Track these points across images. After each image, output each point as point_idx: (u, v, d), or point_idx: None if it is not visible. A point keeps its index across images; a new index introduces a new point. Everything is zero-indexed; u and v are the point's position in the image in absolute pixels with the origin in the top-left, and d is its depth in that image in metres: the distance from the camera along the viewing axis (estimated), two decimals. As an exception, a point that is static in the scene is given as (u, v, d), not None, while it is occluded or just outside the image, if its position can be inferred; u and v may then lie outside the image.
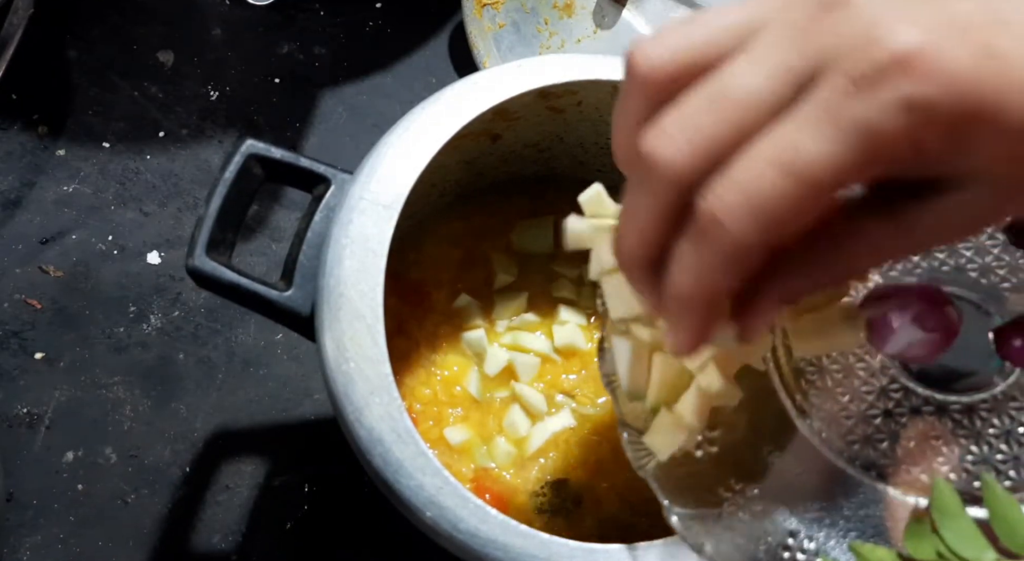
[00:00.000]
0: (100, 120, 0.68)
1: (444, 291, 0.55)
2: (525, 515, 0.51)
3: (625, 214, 0.31)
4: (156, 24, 0.71)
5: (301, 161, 0.48)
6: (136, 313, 0.64)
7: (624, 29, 0.64)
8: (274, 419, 0.62)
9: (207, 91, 0.69)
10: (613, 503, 0.51)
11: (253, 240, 0.66)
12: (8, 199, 0.66)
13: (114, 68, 0.70)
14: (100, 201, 0.66)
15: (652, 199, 0.29)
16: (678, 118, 0.28)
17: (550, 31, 0.66)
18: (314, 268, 0.46)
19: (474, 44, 0.68)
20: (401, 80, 0.71)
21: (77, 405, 0.61)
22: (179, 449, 0.61)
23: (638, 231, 0.30)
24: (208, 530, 0.59)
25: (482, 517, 0.42)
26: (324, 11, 0.72)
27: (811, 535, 0.36)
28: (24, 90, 0.68)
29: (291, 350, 0.63)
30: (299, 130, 0.69)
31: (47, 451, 0.60)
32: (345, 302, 0.44)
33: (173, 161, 0.68)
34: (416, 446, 0.42)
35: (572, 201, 0.58)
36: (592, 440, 0.52)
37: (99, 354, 0.62)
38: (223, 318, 0.64)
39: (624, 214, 0.31)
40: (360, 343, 0.43)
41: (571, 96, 0.51)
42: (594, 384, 0.54)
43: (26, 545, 0.58)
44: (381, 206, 0.45)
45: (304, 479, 0.60)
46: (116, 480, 0.60)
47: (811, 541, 0.35)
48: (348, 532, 0.60)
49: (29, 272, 0.64)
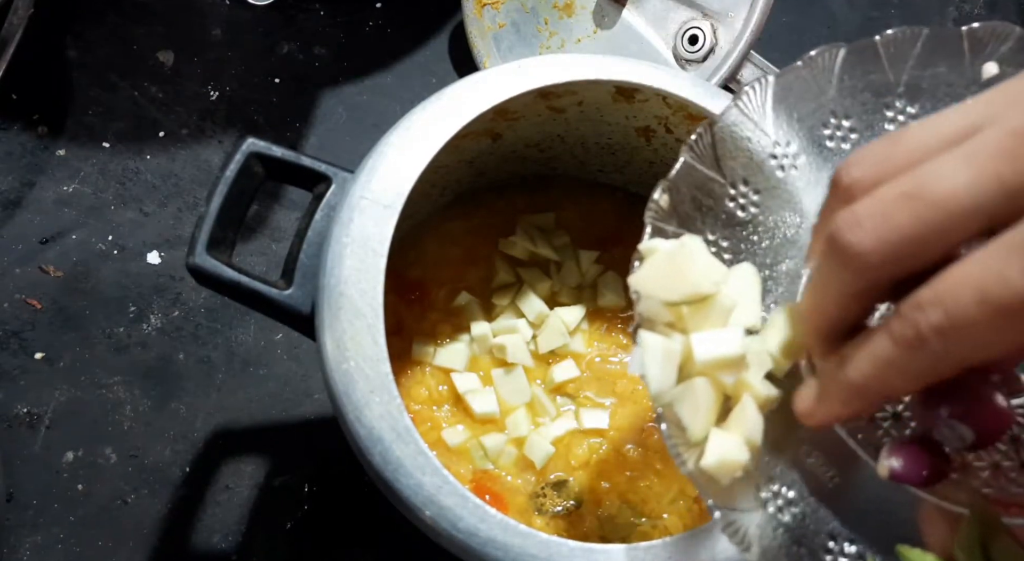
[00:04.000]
0: (100, 120, 0.68)
1: (444, 290, 0.55)
2: (525, 516, 0.51)
3: (815, 292, 0.31)
4: (156, 24, 0.71)
5: (302, 160, 0.48)
6: (136, 313, 0.64)
7: (624, 29, 0.64)
8: (274, 419, 0.62)
9: (207, 91, 0.69)
10: (613, 503, 0.51)
11: (253, 239, 0.66)
12: (8, 199, 0.66)
13: (114, 68, 0.70)
14: (100, 201, 0.66)
15: (841, 283, 0.29)
16: (872, 206, 0.28)
17: (550, 31, 0.66)
18: (314, 267, 0.46)
19: (474, 44, 0.68)
20: (401, 80, 0.71)
21: (77, 405, 0.61)
22: (179, 449, 0.61)
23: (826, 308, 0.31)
24: (208, 530, 0.59)
25: (481, 516, 0.42)
26: (324, 11, 0.72)
27: (852, 538, 0.36)
28: (24, 90, 0.68)
29: (291, 350, 0.63)
30: (299, 130, 0.69)
31: (47, 451, 0.60)
32: (345, 301, 0.44)
33: (173, 161, 0.68)
34: (416, 445, 0.42)
35: (572, 200, 0.58)
36: (593, 441, 0.52)
37: (99, 354, 0.62)
38: (223, 318, 0.64)
39: (814, 292, 0.31)
40: (360, 342, 0.43)
41: (571, 96, 0.51)
42: (595, 385, 0.54)
43: (26, 545, 0.58)
44: (382, 205, 0.45)
45: (304, 479, 0.60)
46: (116, 480, 0.60)
47: (852, 544, 0.35)
48: (348, 532, 0.60)
49: (29, 272, 0.64)
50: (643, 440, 0.52)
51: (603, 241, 0.57)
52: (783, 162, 0.40)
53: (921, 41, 0.40)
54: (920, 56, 0.40)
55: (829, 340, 0.32)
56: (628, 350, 0.55)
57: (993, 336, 0.26)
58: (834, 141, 0.41)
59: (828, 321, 0.31)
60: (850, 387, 0.30)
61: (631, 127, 0.54)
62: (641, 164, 0.57)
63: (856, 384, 0.30)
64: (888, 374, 0.29)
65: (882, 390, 0.29)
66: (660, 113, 0.51)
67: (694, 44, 0.61)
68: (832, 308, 0.30)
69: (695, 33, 0.61)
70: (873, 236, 0.28)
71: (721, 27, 0.61)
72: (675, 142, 0.53)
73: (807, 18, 0.75)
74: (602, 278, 0.56)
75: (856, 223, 0.28)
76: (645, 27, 0.63)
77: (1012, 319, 0.26)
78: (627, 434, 0.53)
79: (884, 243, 0.27)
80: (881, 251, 0.27)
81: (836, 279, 0.29)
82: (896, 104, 0.40)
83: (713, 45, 0.61)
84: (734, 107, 0.40)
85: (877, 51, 0.40)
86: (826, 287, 0.30)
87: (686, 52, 0.62)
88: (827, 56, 0.40)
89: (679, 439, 0.35)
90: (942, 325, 0.27)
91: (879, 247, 0.27)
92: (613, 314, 0.56)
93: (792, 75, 0.40)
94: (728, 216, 0.40)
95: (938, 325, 0.27)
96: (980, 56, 0.39)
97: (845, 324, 0.31)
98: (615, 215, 0.58)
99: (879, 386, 0.29)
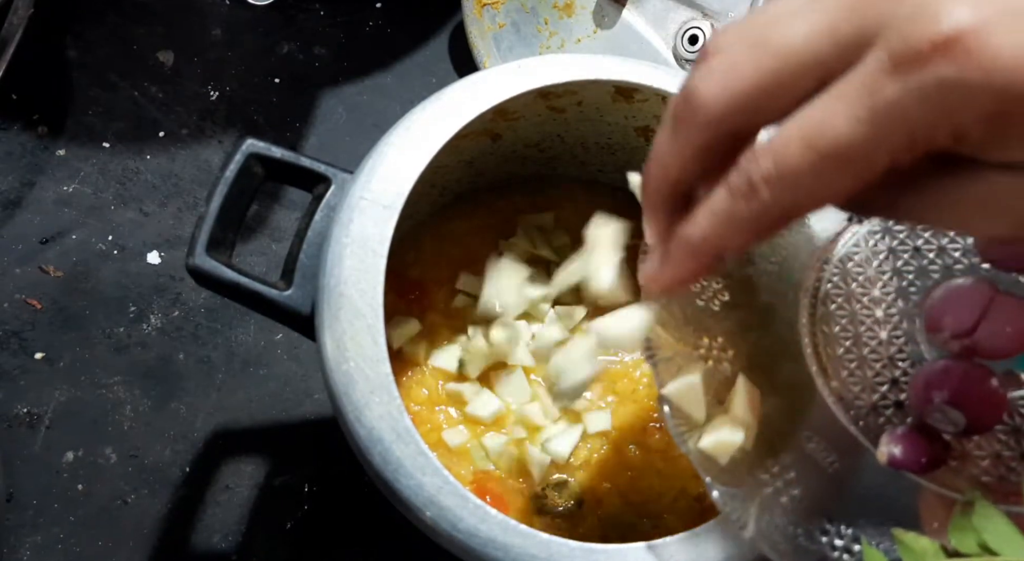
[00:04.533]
0: (100, 120, 0.68)
1: (444, 290, 0.55)
2: (526, 516, 0.51)
3: (656, 143, 0.31)
4: (156, 24, 0.71)
5: (302, 160, 0.48)
6: (136, 313, 0.64)
7: (624, 29, 0.64)
8: (274, 419, 0.62)
9: (207, 91, 0.69)
10: (614, 504, 0.51)
11: (253, 240, 0.66)
12: (8, 199, 0.66)
13: (114, 68, 0.70)
14: (100, 201, 0.66)
15: (685, 136, 0.30)
16: (723, 58, 0.28)
17: (550, 31, 0.66)
18: (314, 267, 0.46)
19: (474, 44, 0.68)
20: (401, 80, 0.71)
21: (77, 405, 0.61)
22: (179, 449, 0.61)
23: (664, 161, 0.31)
24: (208, 530, 0.59)
25: (482, 517, 0.42)
26: (324, 11, 0.72)
27: (849, 521, 0.36)
28: (24, 90, 0.68)
29: (291, 350, 0.63)
30: (299, 130, 0.69)
31: (47, 451, 0.60)
32: (345, 301, 0.44)
33: (173, 161, 0.68)
34: (416, 445, 0.42)
35: (572, 200, 0.58)
36: (594, 441, 0.52)
37: (99, 354, 0.62)
38: (223, 318, 0.64)
39: (655, 143, 0.31)
40: (360, 342, 0.43)
41: (571, 96, 0.51)
42: (595, 385, 0.54)
43: (26, 545, 0.58)
44: (381, 206, 0.45)
45: (304, 479, 0.60)
46: (116, 480, 0.60)
47: (849, 527, 0.35)
48: (348, 532, 0.60)
49: (29, 272, 0.64)
50: (644, 440, 0.52)
51: (603, 241, 0.57)
52: None
53: None
54: None
55: (668, 203, 0.31)
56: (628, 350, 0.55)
57: (817, 182, 0.27)
58: None
59: (669, 182, 0.31)
60: (688, 244, 0.30)
61: (630, 127, 0.54)
62: (641, 164, 0.56)
63: (694, 240, 0.30)
64: (722, 227, 0.29)
65: (718, 244, 0.29)
66: (659, 113, 0.51)
67: (694, 44, 0.61)
68: (674, 164, 0.30)
69: (695, 33, 0.61)
70: (719, 84, 0.28)
71: (721, 27, 0.61)
72: (675, 142, 0.53)
73: (807, 18, 0.75)
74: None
75: (707, 73, 0.28)
76: (645, 27, 0.63)
77: (835, 164, 0.26)
78: (628, 434, 0.53)
79: (727, 89, 0.28)
80: (725, 98, 0.28)
81: (682, 132, 0.29)
82: None
83: (713, 45, 0.61)
84: None
85: None
86: (671, 143, 0.30)
87: (686, 52, 0.62)
88: None
89: (680, 420, 0.35)
90: (770, 173, 0.27)
91: (722, 94, 0.28)
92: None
93: None
94: None
95: (767, 173, 0.27)
96: None
97: (684, 185, 0.31)
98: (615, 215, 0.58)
99: (715, 240, 0.29)
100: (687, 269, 0.31)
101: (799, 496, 0.36)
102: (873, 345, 0.38)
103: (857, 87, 0.26)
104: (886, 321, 0.38)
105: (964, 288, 0.36)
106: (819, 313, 0.39)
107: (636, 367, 0.54)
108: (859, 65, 0.26)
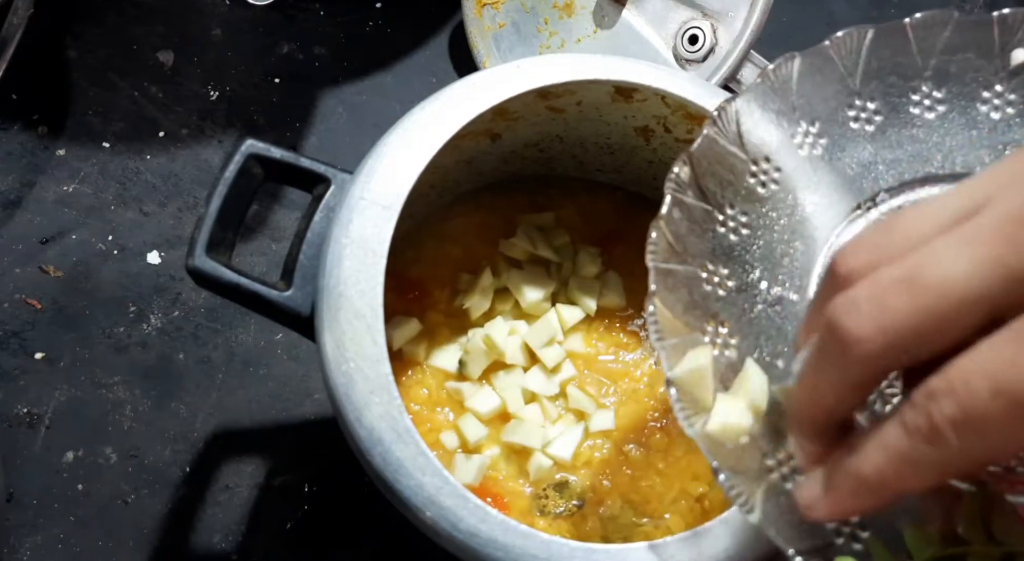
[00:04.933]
0: (100, 120, 0.68)
1: (444, 290, 0.55)
2: (527, 517, 0.51)
3: (807, 378, 0.30)
4: (156, 24, 0.71)
5: (301, 161, 0.48)
6: (136, 313, 0.63)
7: (624, 29, 0.64)
8: (274, 419, 0.62)
9: (207, 91, 0.69)
10: (615, 503, 0.51)
11: (253, 240, 0.66)
12: (8, 199, 0.66)
13: (114, 68, 0.70)
14: (100, 201, 0.66)
15: (839, 372, 0.28)
16: (870, 291, 0.27)
17: (550, 31, 0.66)
18: (314, 268, 0.46)
19: (474, 44, 0.68)
20: (401, 80, 0.71)
21: (77, 405, 0.61)
22: (179, 449, 0.61)
23: (820, 397, 0.29)
24: (208, 530, 0.59)
25: (482, 517, 0.42)
26: (324, 11, 0.72)
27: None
28: (24, 90, 0.68)
29: (291, 350, 0.63)
30: (299, 130, 0.69)
31: (47, 451, 0.60)
32: (345, 302, 0.44)
33: (173, 161, 0.68)
34: (416, 446, 0.42)
35: (572, 200, 0.58)
36: (595, 441, 0.52)
37: (99, 354, 0.62)
38: (223, 318, 0.64)
39: (806, 377, 0.30)
40: (360, 343, 0.43)
41: (571, 96, 0.51)
42: (596, 386, 0.54)
43: (26, 545, 0.58)
44: (381, 206, 0.45)
45: (304, 479, 0.60)
46: (116, 480, 0.60)
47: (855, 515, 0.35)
48: (348, 532, 0.60)
49: (29, 272, 0.64)
50: (645, 440, 0.52)
51: (603, 240, 0.57)
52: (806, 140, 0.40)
53: (951, 25, 0.39)
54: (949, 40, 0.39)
55: (823, 431, 0.30)
56: (628, 349, 0.55)
57: (1011, 429, 0.25)
58: (858, 123, 0.41)
59: (824, 411, 0.29)
60: (861, 479, 0.28)
61: (630, 127, 0.54)
62: (640, 164, 0.57)
63: (867, 476, 0.28)
64: (902, 467, 0.27)
65: (896, 483, 0.28)
66: (659, 113, 0.51)
67: (694, 44, 0.61)
68: (829, 398, 0.29)
69: (695, 33, 0.61)
70: (871, 322, 0.26)
71: (721, 27, 0.61)
72: (674, 141, 0.53)
73: (807, 18, 0.75)
74: (603, 278, 0.56)
75: (854, 308, 0.27)
76: (645, 27, 0.63)
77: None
78: (629, 434, 0.53)
79: (883, 330, 0.26)
80: (881, 338, 0.26)
81: (834, 367, 0.28)
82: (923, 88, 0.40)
83: (713, 45, 0.61)
84: (760, 82, 0.39)
85: (906, 34, 0.40)
86: (823, 375, 0.29)
87: (686, 52, 0.62)
88: (854, 37, 0.40)
89: (687, 403, 0.35)
90: (955, 417, 0.25)
91: (878, 335, 0.26)
92: (613, 314, 0.55)
93: (818, 55, 0.40)
94: (748, 191, 0.40)
95: (952, 417, 0.25)
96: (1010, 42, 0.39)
97: (840, 415, 0.30)
98: (615, 214, 0.58)
99: (893, 479, 0.28)
100: (855, 502, 0.29)
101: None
102: None
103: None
104: None
105: None
106: None
107: (637, 367, 0.54)
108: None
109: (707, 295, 0.38)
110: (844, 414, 0.30)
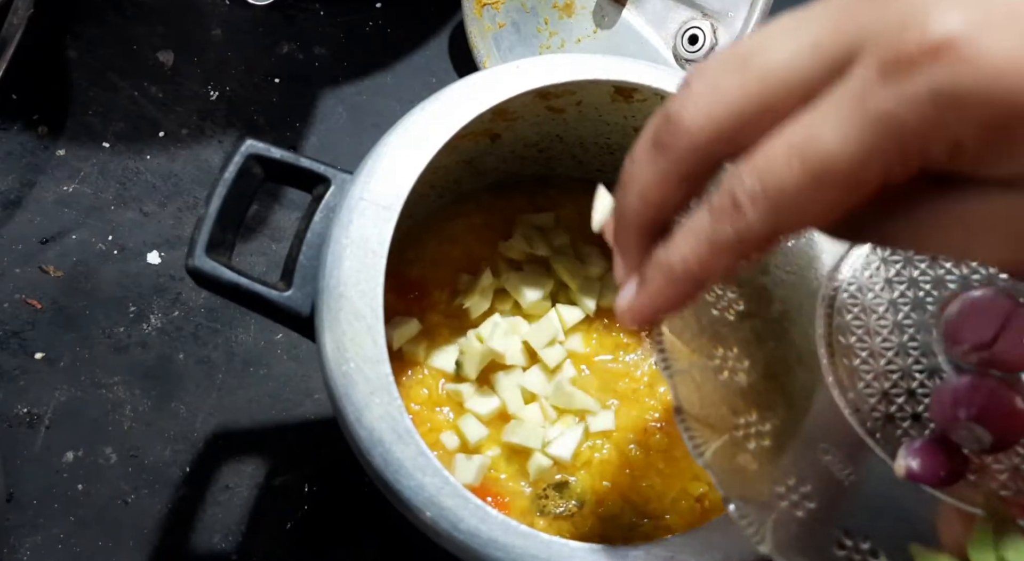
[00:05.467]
0: (100, 120, 0.68)
1: (444, 290, 0.55)
2: (527, 517, 0.51)
3: (633, 172, 0.30)
4: (156, 24, 0.71)
5: (301, 161, 0.48)
6: (136, 313, 0.64)
7: (624, 29, 0.64)
8: (274, 419, 0.62)
9: (207, 91, 0.69)
10: (616, 504, 0.51)
11: (253, 240, 0.66)
12: (8, 199, 0.66)
13: (114, 68, 0.70)
14: (100, 201, 0.66)
15: (665, 160, 0.28)
16: (705, 82, 0.27)
17: (550, 31, 0.66)
18: (314, 268, 0.46)
19: (474, 44, 0.68)
20: (401, 80, 0.71)
21: (77, 405, 0.61)
22: (179, 449, 0.61)
23: (644, 190, 0.29)
24: (208, 530, 0.59)
25: (482, 517, 0.42)
26: (324, 11, 0.72)
27: (867, 534, 0.36)
28: (24, 90, 0.68)
29: (291, 350, 0.63)
30: (299, 130, 0.69)
31: (47, 451, 0.60)
32: (345, 302, 0.44)
33: (173, 161, 0.68)
34: (416, 446, 0.42)
35: (572, 200, 0.58)
36: (595, 441, 0.52)
37: (99, 354, 0.62)
38: (223, 318, 0.64)
39: (632, 172, 0.30)
40: (360, 343, 0.43)
41: (570, 96, 0.51)
42: (596, 385, 0.54)
43: (26, 545, 0.58)
44: (381, 206, 0.45)
45: (304, 479, 0.60)
46: (116, 480, 0.60)
47: (866, 541, 0.35)
48: (348, 532, 0.60)
49: (29, 272, 0.64)
50: (645, 440, 0.52)
51: (603, 240, 0.57)
52: None
53: None
54: None
55: (646, 236, 0.30)
56: (629, 350, 0.55)
57: (806, 200, 0.25)
58: None
59: (651, 207, 0.29)
60: (669, 269, 0.29)
61: (630, 127, 0.54)
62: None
63: (674, 265, 0.28)
64: (705, 249, 0.28)
65: (700, 269, 0.28)
66: (660, 113, 0.51)
67: (694, 44, 0.61)
68: (655, 192, 0.29)
69: (695, 33, 0.61)
70: (703, 109, 0.27)
71: (721, 27, 0.61)
72: (675, 142, 0.53)
73: (807, 17, 0.75)
74: (603, 278, 0.56)
75: (690, 98, 0.27)
76: (645, 27, 0.63)
77: (825, 180, 0.25)
78: (629, 434, 0.53)
79: (711, 116, 0.27)
80: (709, 125, 0.27)
81: (662, 160, 0.28)
82: None
83: (713, 45, 0.61)
84: None
85: None
86: (651, 167, 0.29)
87: (686, 52, 0.62)
88: None
89: (696, 431, 0.35)
90: (755, 190, 0.26)
91: (707, 120, 0.27)
92: (613, 314, 0.55)
93: None
94: None
95: (752, 191, 0.26)
96: None
97: (664, 215, 0.29)
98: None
99: (696, 264, 0.28)
100: (665, 297, 0.29)
101: (816, 509, 0.36)
102: (890, 356, 0.38)
103: (845, 99, 0.25)
104: (902, 332, 0.38)
105: (983, 300, 0.36)
106: (835, 323, 0.39)
107: (637, 367, 0.54)
108: (846, 78, 0.25)
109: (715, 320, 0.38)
110: (668, 214, 0.29)
